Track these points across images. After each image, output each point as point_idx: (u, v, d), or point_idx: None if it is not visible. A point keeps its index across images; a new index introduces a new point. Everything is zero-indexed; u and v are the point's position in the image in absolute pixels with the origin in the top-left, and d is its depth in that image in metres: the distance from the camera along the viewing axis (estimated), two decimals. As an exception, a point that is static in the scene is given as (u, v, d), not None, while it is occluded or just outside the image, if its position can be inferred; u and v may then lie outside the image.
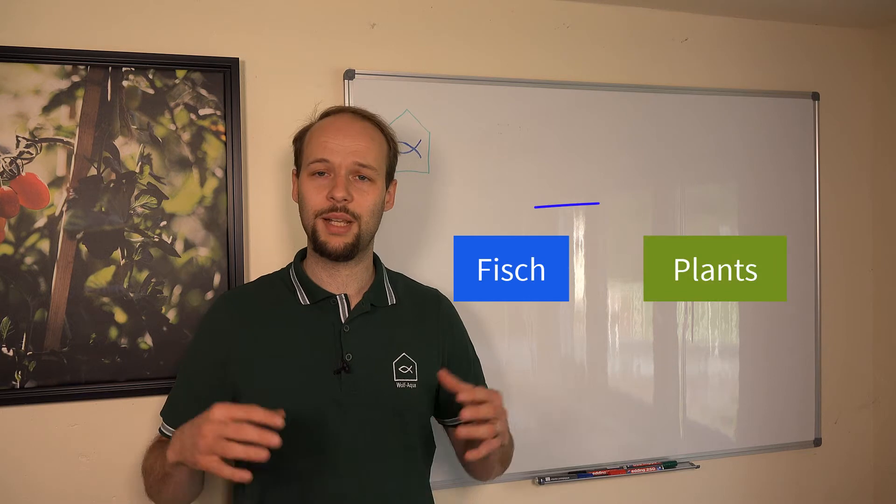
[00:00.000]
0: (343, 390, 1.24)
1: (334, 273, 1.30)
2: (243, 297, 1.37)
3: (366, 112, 1.32)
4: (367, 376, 1.26)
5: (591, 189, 1.78)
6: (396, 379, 1.28)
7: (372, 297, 1.31)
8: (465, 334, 1.47)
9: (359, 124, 1.29)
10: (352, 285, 1.31)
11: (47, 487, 1.45)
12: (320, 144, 1.25)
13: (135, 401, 1.48)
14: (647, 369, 1.83)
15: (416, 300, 1.40)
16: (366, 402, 1.25)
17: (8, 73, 1.40)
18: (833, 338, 2.01)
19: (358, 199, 1.24)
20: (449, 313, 1.44)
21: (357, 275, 1.31)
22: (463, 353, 1.43)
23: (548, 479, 1.74)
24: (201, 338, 1.34)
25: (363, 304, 1.29)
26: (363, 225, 1.26)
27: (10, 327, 1.41)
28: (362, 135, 1.27)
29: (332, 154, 1.24)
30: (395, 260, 1.58)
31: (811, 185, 1.97)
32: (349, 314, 1.28)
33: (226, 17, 1.54)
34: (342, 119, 1.30)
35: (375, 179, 1.27)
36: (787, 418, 1.96)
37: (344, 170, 1.24)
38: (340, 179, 1.23)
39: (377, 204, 1.28)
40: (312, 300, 1.29)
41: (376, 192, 1.27)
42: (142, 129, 1.48)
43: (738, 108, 1.90)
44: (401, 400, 1.28)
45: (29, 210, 1.42)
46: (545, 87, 1.74)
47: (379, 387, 1.27)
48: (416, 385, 1.30)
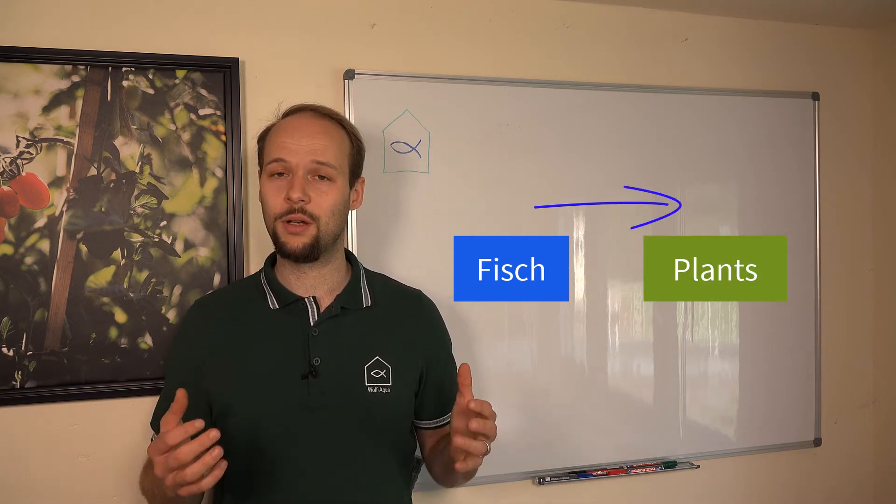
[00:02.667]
0: (311, 395, 1.21)
1: (301, 275, 1.27)
2: (215, 302, 1.35)
3: (326, 109, 1.29)
4: (336, 381, 1.23)
5: (591, 189, 1.78)
6: (368, 383, 1.24)
7: (344, 299, 1.28)
8: (447, 337, 1.43)
9: (318, 123, 1.25)
10: (321, 287, 1.28)
11: (47, 487, 1.45)
12: (278, 144, 1.23)
13: (135, 401, 1.48)
14: (647, 369, 1.83)
15: (396, 301, 1.36)
16: (334, 408, 1.22)
17: (8, 73, 1.40)
18: (833, 338, 2.01)
19: (316, 199, 1.21)
20: (431, 315, 1.41)
21: (326, 276, 1.28)
22: (443, 356, 1.39)
23: (548, 479, 1.74)
24: (177, 345, 1.34)
25: (333, 307, 1.27)
26: (322, 226, 1.22)
27: (10, 327, 1.41)
28: (321, 133, 1.23)
29: (290, 153, 1.21)
30: (394, 260, 1.58)
31: (811, 185, 1.97)
32: (318, 317, 1.26)
33: (226, 17, 1.54)
34: (301, 118, 1.26)
35: (335, 178, 1.24)
36: (787, 418, 1.96)
37: (301, 170, 1.21)
38: (297, 180, 1.20)
39: (338, 204, 1.24)
40: (281, 304, 1.27)
41: (336, 191, 1.24)
42: (142, 129, 1.48)
43: (738, 108, 1.90)
44: (373, 405, 1.24)
45: (29, 210, 1.42)
46: (545, 87, 1.74)
47: (348, 392, 1.23)
48: (390, 389, 1.26)
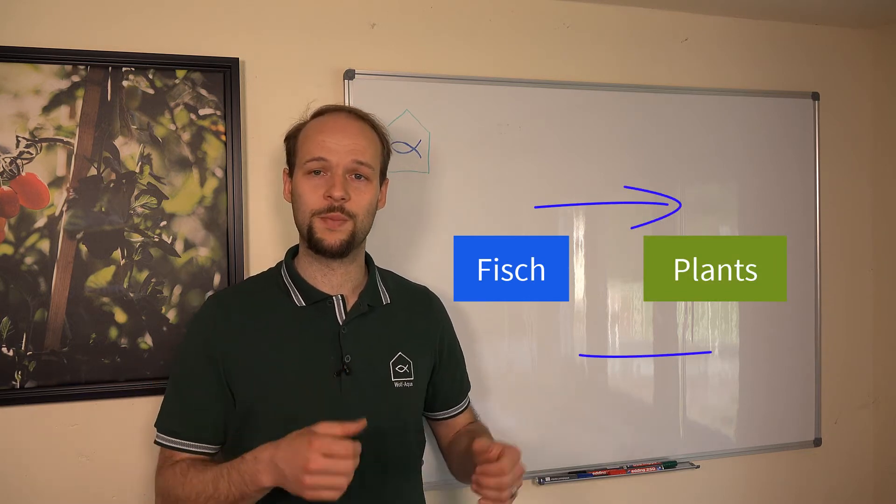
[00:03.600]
0: (344, 392, 1.24)
1: (328, 273, 1.29)
2: (234, 298, 1.34)
3: (361, 112, 1.32)
4: (367, 377, 1.26)
5: (591, 189, 1.78)
6: (394, 378, 1.29)
7: (368, 297, 1.31)
8: (454, 332, 1.48)
9: (356, 123, 1.29)
10: (347, 285, 1.30)
11: (47, 487, 1.45)
12: (318, 143, 1.25)
13: (135, 401, 1.48)
14: (647, 369, 1.83)
15: (408, 298, 1.40)
16: (367, 403, 1.24)
17: (8, 73, 1.40)
18: (833, 338, 2.01)
19: (355, 197, 1.24)
20: (440, 311, 1.45)
21: (351, 274, 1.31)
22: (453, 351, 1.45)
23: (548, 479, 1.74)
24: (193, 342, 1.29)
25: (360, 305, 1.29)
26: (359, 223, 1.25)
27: (10, 327, 1.41)
28: (360, 134, 1.27)
29: (331, 153, 1.23)
30: (394, 260, 1.58)
31: (811, 185, 1.97)
32: (346, 315, 1.28)
33: (226, 17, 1.54)
34: (339, 118, 1.29)
35: (371, 178, 1.27)
36: (787, 418, 1.96)
37: (342, 168, 1.24)
38: (338, 178, 1.23)
39: (372, 203, 1.28)
40: (308, 301, 1.28)
41: (372, 190, 1.28)
42: (142, 129, 1.48)
43: (738, 108, 1.90)
44: (399, 399, 1.29)
45: (29, 210, 1.42)
46: (545, 87, 1.74)
47: (378, 387, 1.27)
48: (413, 384, 1.31)
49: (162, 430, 1.26)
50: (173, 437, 1.24)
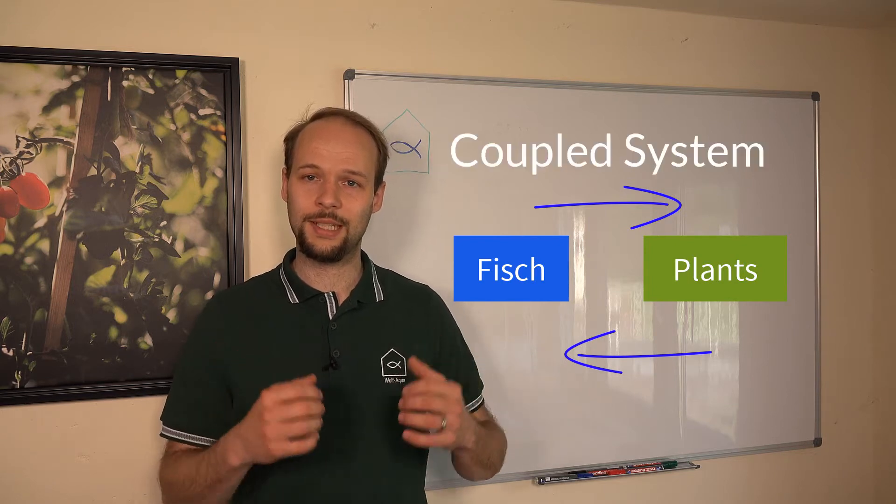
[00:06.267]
0: (332, 386, 1.24)
1: (322, 272, 1.31)
2: (235, 297, 1.38)
3: (358, 117, 1.32)
4: (355, 372, 1.27)
5: (591, 189, 1.78)
6: (384, 374, 1.29)
7: (359, 294, 1.32)
8: (457, 330, 1.48)
9: (350, 130, 1.29)
10: (340, 283, 1.32)
11: (47, 487, 1.44)
12: (311, 150, 1.26)
13: (135, 401, 1.48)
14: (647, 369, 1.83)
15: (406, 296, 1.41)
16: (354, 398, 1.25)
17: (8, 73, 1.40)
18: (833, 338, 2.01)
19: (347, 204, 1.26)
20: (439, 308, 1.45)
21: (345, 273, 1.33)
22: (453, 349, 1.44)
23: (548, 479, 1.74)
24: (196, 339, 1.35)
25: (350, 302, 1.31)
26: (351, 230, 1.27)
27: (10, 327, 1.41)
28: (353, 142, 1.27)
29: (323, 160, 1.25)
30: (394, 260, 1.58)
31: (811, 185, 1.97)
32: (336, 311, 1.30)
33: (226, 17, 1.54)
34: (334, 124, 1.30)
35: (364, 185, 1.28)
36: (787, 418, 1.96)
37: (333, 176, 1.25)
38: (329, 186, 1.24)
39: (365, 209, 1.29)
40: (301, 298, 1.30)
41: (365, 197, 1.29)
42: (142, 129, 1.48)
43: (738, 108, 1.90)
44: (389, 395, 1.27)
45: (29, 210, 1.42)
46: (545, 87, 1.74)
47: (367, 382, 1.28)
48: (405, 380, 1.29)
49: (167, 423, 1.30)
50: (177, 430, 1.28)
